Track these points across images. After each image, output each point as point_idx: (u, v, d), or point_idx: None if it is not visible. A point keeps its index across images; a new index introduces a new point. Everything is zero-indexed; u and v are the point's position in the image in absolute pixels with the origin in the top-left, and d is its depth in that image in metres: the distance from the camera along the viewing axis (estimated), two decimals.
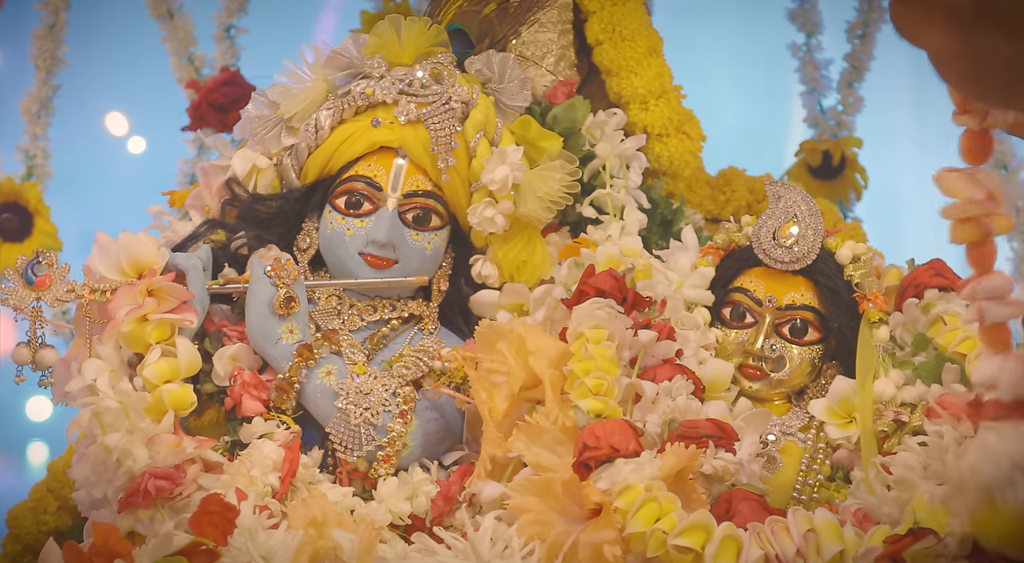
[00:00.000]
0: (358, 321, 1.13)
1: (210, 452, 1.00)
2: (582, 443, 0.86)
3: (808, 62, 1.84)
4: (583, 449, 0.85)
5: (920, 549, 0.76)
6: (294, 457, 1.01)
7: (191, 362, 1.03)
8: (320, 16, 2.26)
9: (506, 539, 0.86)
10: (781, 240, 1.11)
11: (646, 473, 0.82)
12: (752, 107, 2.30)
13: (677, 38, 1.38)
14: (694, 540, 0.79)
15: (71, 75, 1.84)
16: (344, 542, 0.88)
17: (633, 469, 0.83)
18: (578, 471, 0.85)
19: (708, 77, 2.23)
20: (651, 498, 0.81)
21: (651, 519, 0.80)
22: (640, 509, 0.80)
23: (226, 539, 0.86)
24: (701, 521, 0.80)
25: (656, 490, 0.81)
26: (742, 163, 1.46)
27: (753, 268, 1.13)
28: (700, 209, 1.41)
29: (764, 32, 2.02)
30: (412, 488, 1.05)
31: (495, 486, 0.97)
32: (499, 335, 1.02)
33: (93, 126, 2.07)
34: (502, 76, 1.16)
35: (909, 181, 2.23)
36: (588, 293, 1.02)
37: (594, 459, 0.84)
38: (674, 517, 0.80)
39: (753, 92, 2.30)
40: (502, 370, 1.00)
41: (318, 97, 1.15)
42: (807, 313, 1.11)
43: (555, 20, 1.29)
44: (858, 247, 1.12)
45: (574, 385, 0.93)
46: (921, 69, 0.76)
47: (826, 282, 1.11)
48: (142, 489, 0.94)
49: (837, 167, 1.79)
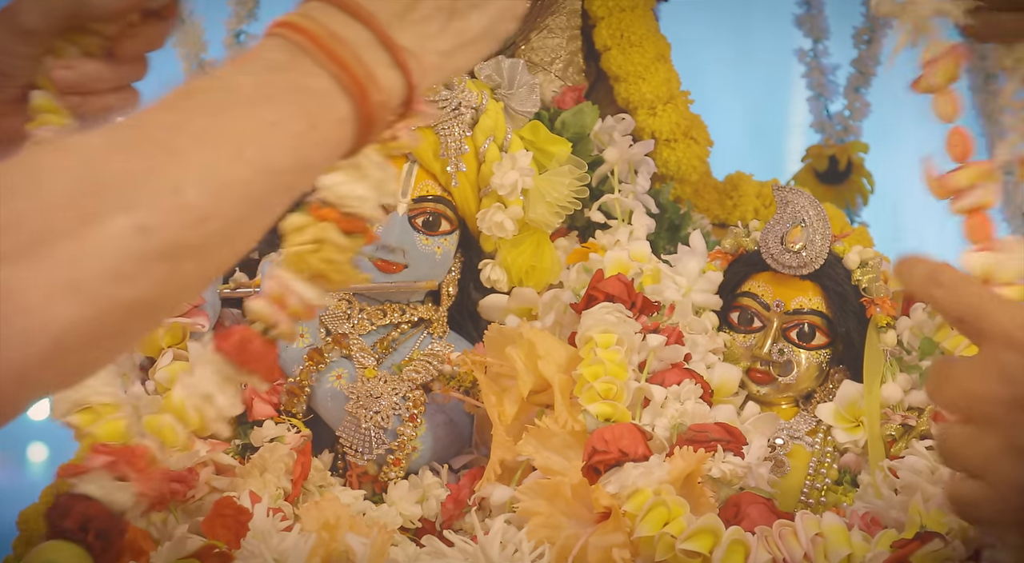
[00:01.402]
0: (368, 325, 1.13)
1: (222, 455, 1.01)
2: (591, 447, 0.86)
3: (815, 67, 1.85)
4: (592, 453, 0.85)
5: (927, 552, 0.76)
6: (306, 460, 1.02)
7: None
8: None
9: (516, 542, 0.87)
10: (789, 245, 1.11)
11: (655, 477, 0.82)
12: (759, 112, 2.30)
13: (684, 43, 1.38)
14: (702, 544, 0.79)
15: None
16: (356, 545, 0.89)
17: (642, 473, 0.83)
18: (587, 475, 0.85)
19: (715, 83, 2.24)
20: (660, 502, 0.81)
21: (660, 523, 0.80)
22: (648, 513, 0.81)
23: (239, 542, 0.87)
24: (709, 525, 0.80)
25: (665, 494, 0.82)
26: (749, 168, 1.46)
27: (761, 273, 1.13)
28: (708, 214, 1.41)
29: (770, 37, 2.03)
30: (422, 491, 1.06)
31: (504, 489, 0.98)
32: (508, 339, 1.02)
33: None
34: (511, 82, 1.16)
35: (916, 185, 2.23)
36: (597, 298, 1.02)
37: (603, 463, 0.85)
38: (682, 521, 0.80)
39: (760, 97, 2.30)
40: (511, 374, 1.01)
41: None
42: (815, 318, 1.11)
43: (563, 26, 1.30)
44: (866, 252, 1.12)
45: (583, 389, 0.94)
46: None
47: (833, 287, 1.11)
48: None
49: (844, 172, 1.79)
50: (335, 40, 0.67)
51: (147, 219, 0.59)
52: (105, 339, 0.59)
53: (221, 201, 0.61)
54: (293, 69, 0.67)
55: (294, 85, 0.66)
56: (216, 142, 0.63)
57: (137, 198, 0.59)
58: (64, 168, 0.60)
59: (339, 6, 0.69)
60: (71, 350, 0.57)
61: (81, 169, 0.60)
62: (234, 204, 0.62)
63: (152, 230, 0.59)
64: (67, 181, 0.59)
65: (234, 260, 0.64)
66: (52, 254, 0.57)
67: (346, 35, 0.68)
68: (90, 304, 0.57)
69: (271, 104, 0.65)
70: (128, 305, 0.59)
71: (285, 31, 0.67)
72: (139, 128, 0.62)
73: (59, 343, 0.57)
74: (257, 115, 0.64)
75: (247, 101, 0.65)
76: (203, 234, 0.61)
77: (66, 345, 0.57)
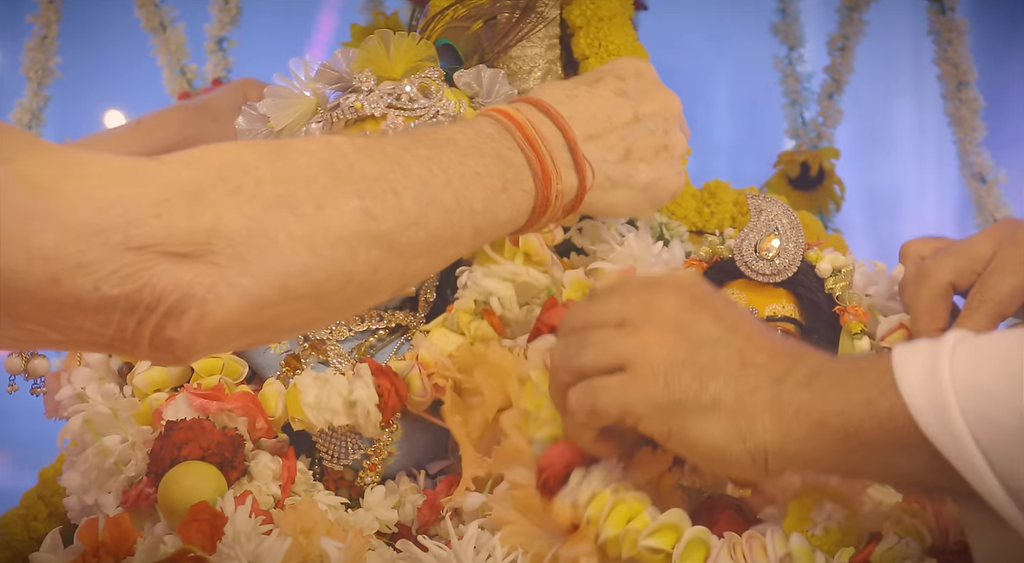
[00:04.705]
0: (345, 331, 1.14)
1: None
2: (539, 468, 0.85)
3: (790, 75, 1.86)
4: (540, 472, 0.85)
5: (883, 551, 0.77)
6: (291, 465, 1.02)
7: (180, 371, 1.04)
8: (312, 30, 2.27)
9: (489, 547, 0.87)
10: (762, 253, 1.12)
11: (612, 478, 0.83)
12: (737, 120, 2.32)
13: (663, 52, 1.40)
14: (664, 540, 0.79)
15: (62, 87, 1.85)
16: (331, 550, 0.89)
17: (596, 476, 0.83)
18: (543, 495, 0.85)
19: (692, 91, 2.25)
20: (619, 500, 0.81)
21: (623, 521, 0.80)
22: (611, 513, 0.81)
23: (215, 546, 0.87)
24: (672, 522, 0.80)
25: (623, 492, 0.82)
26: (727, 176, 1.47)
27: (735, 280, 1.14)
28: (685, 222, 1.42)
29: (747, 45, 2.04)
30: (399, 497, 1.06)
31: (476, 496, 0.98)
32: (476, 358, 1.02)
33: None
34: (489, 91, 1.17)
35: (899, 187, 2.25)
36: (541, 330, 1.00)
37: (552, 477, 0.84)
38: (646, 516, 0.80)
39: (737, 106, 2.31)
40: (480, 392, 1.00)
41: (308, 110, 1.16)
42: (788, 325, 1.12)
43: (542, 35, 1.30)
44: (838, 260, 1.13)
45: (529, 421, 0.92)
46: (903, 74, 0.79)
47: (807, 294, 1.12)
48: (141, 495, 0.95)
49: (815, 178, 1.81)
50: (535, 130, 0.83)
51: (373, 207, 0.71)
52: (320, 297, 0.70)
53: (428, 214, 0.74)
54: (499, 141, 0.82)
55: (497, 152, 0.81)
56: (433, 169, 0.75)
57: (368, 189, 0.71)
58: (313, 152, 0.72)
59: (543, 110, 0.86)
60: (294, 296, 0.68)
61: (327, 156, 0.72)
62: (437, 221, 0.75)
63: (376, 217, 0.71)
64: (314, 162, 0.71)
65: (424, 277, 0.79)
66: (297, 215, 0.68)
67: (544, 131, 0.84)
68: (320, 260, 0.68)
69: (478, 159, 0.79)
70: (345, 275, 0.70)
71: (497, 114, 0.83)
72: (374, 140, 0.76)
73: (287, 284, 0.67)
74: (466, 162, 0.78)
75: (461, 150, 0.79)
76: (410, 238, 0.73)
77: (292, 287, 0.68)
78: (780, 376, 0.74)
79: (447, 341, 1.04)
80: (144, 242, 0.62)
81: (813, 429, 0.71)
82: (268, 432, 1.01)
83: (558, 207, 0.84)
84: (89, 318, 0.63)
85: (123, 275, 0.62)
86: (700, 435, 0.74)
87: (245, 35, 1.89)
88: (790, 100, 1.87)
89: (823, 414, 0.71)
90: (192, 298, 0.64)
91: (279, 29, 2.16)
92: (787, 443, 0.72)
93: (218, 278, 0.64)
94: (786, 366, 0.75)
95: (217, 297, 0.65)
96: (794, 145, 1.86)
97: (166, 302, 0.64)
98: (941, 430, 0.66)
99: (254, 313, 0.66)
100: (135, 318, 0.64)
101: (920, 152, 2.21)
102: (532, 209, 0.83)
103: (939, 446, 0.66)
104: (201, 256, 0.64)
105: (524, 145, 0.82)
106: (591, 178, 0.86)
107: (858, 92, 1.90)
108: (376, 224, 0.71)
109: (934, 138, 1.84)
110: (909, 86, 2.09)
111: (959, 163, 1.73)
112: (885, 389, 0.69)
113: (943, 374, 0.67)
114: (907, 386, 0.68)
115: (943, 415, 0.66)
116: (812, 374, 0.74)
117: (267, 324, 0.69)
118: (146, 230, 0.63)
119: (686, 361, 0.75)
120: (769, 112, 1.91)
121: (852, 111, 1.87)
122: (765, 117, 1.95)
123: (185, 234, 0.64)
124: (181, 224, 0.64)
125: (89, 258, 0.61)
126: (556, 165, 0.83)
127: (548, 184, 0.82)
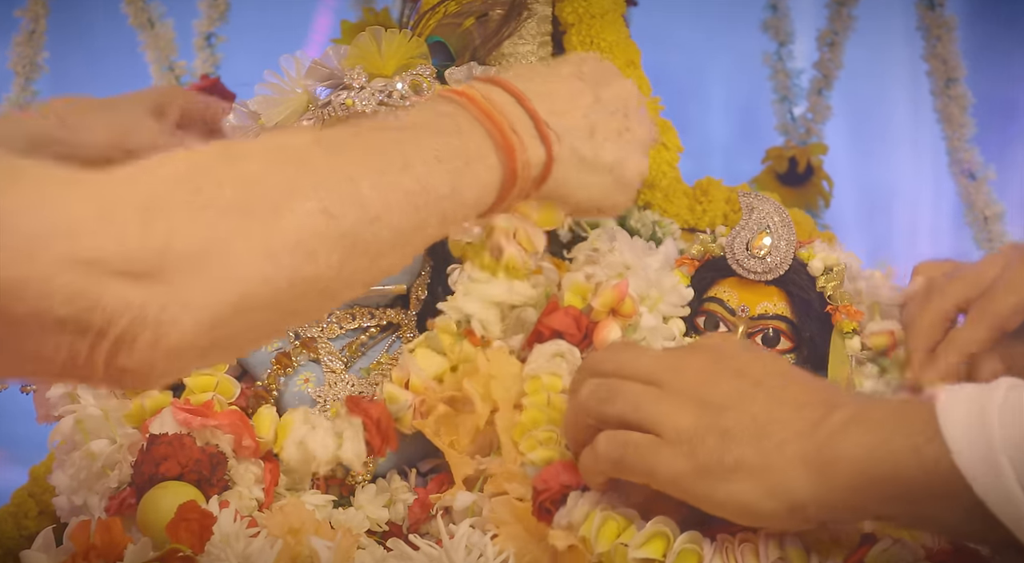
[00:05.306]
0: (337, 329, 1.13)
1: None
2: (534, 490, 0.86)
3: (779, 71, 1.86)
4: (536, 495, 0.86)
5: (878, 553, 0.77)
6: (273, 466, 1.02)
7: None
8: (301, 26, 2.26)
9: (480, 547, 0.87)
10: (754, 251, 1.12)
11: (605, 497, 0.83)
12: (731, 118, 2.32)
13: (655, 49, 1.39)
14: (654, 550, 0.80)
15: (50, 81, 1.84)
16: (321, 549, 0.89)
17: (587, 498, 0.84)
18: (541, 518, 0.86)
19: (685, 88, 2.25)
20: (608, 516, 0.82)
21: (613, 536, 0.81)
22: (601, 529, 0.81)
23: (203, 546, 0.87)
24: (660, 529, 0.80)
25: (611, 508, 0.82)
26: (721, 173, 1.47)
27: (727, 278, 1.14)
28: (677, 219, 1.41)
29: (741, 42, 2.04)
30: (390, 495, 1.06)
31: (467, 495, 0.98)
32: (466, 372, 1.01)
33: None
34: None
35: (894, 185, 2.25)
36: (542, 332, 1.01)
37: (550, 500, 0.85)
38: (634, 529, 0.81)
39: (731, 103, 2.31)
40: (469, 400, 1.00)
41: (299, 107, 1.16)
42: (779, 323, 1.12)
43: (533, 32, 1.30)
44: (830, 258, 1.13)
45: (524, 437, 0.94)
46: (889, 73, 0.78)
47: (798, 292, 1.12)
48: (124, 504, 0.95)
49: (803, 174, 1.81)
50: (491, 103, 0.79)
51: (331, 205, 0.67)
52: (280, 307, 0.66)
53: (389, 202, 0.70)
54: (455, 117, 0.78)
55: (456, 128, 0.77)
56: (387, 155, 0.72)
57: (323, 182, 0.68)
58: (264, 149, 0.69)
59: (498, 85, 0.82)
60: (252, 307, 0.64)
61: (278, 149, 0.69)
62: (400, 210, 0.71)
63: (335, 216, 0.67)
64: (266, 158, 0.68)
65: (393, 272, 0.73)
66: (254, 220, 0.64)
67: (500, 102, 0.80)
68: (279, 269, 0.65)
69: (436, 137, 0.75)
70: (306, 281, 0.66)
71: (450, 93, 0.79)
72: (317, 137, 0.72)
73: (246, 296, 0.64)
74: (423, 143, 0.74)
75: (417, 131, 0.75)
76: (374, 233, 0.69)
77: (251, 300, 0.64)
78: (810, 428, 0.75)
79: (431, 363, 1.04)
80: (92, 256, 0.59)
81: (855, 478, 0.72)
82: (255, 451, 1.00)
83: (527, 179, 0.80)
84: (35, 340, 0.59)
85: (70, 292, 0.58)
86: (727, 496, 0.75)
87: (234, 31, 1.89)
88: (780, 96, 1.87)
89: (866, 462, 0.71)
90: (144, 321, 0.61)
91: (268, 25, 2.15)
92: (829, 492, 0.73)
93: (171, 298, 0.61)
94: (817, 415, 0.75)
95: (172, 319, 0.61)
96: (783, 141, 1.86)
97: (117, 326, 0.60)
98: (991, 488, 0.66)
99: (212, 330, 0.63)
100: (87, 342, 0.60)
101: (912, 148, 2.21)
102: (500, 184, 0.79)
103: (989, 504, 0.66)
104: (153, 275, 0.60)
105: (482, 118, 0.78)
106: (557, 145, 0.82)
107: (848, 88, 1.90)
108: (336, 223, 0.67)
109: (926, 134, 1.84)
110: (900, 82, 2.09)
111: (948, 160, 1.73)
112: (931, 437, 0.69)
113: (992, 427, 0.67)
114: (952, 435, 0.68)
115: (993, 469, 0.66)
116: (848, 421, 0.74)
117: (227, 341, 0.65)
118: (94, 242, 0.59)
119: (710, 426, 0.76)
120: (763, 109, 1.91)
121: (842, 107, 1.87)
122: (759, 114, 1.95)
123: (136, 251, 0.60)
124: (132, 238, 0.60)
125: (33, 273, 0.57)
126: (519, 135, 0.79)
127: (512, 155, 0.78)
